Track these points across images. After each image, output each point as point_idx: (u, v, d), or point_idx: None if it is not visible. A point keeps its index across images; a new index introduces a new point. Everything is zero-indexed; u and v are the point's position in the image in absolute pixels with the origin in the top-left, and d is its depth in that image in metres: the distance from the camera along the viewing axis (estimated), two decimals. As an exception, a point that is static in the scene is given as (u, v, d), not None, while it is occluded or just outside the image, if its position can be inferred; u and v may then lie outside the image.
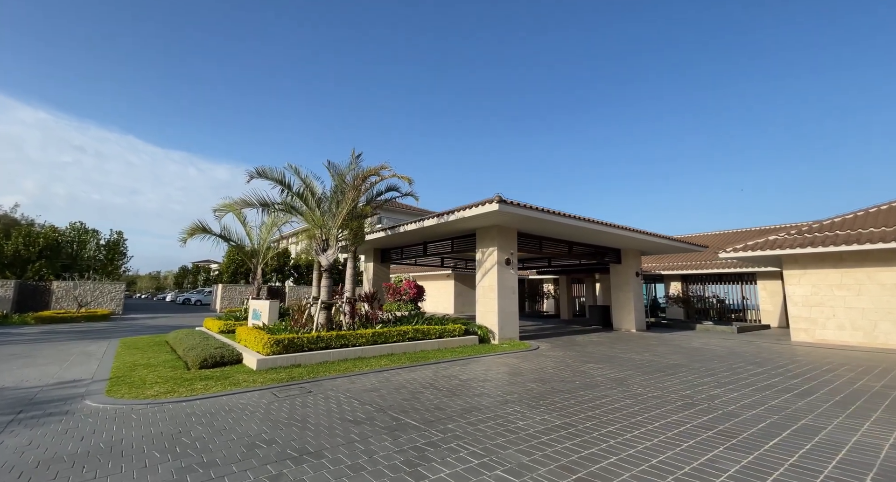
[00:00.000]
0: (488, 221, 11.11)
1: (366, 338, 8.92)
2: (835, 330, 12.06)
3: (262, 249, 14.44)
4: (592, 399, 5.36)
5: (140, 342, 11.35)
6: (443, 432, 4.03)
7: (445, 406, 5.02)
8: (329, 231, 9.53)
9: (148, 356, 8.92)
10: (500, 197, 9.06)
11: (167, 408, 5.07)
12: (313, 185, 9.79)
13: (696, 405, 5.12)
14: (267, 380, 6.45)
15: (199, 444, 3.78)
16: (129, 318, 21.37)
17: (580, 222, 11.13)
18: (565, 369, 7.55)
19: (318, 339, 8.26)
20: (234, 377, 6.70)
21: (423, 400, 5.33)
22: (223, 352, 7.84)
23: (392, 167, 9.08)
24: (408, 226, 12.35)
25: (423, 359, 8.48)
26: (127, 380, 6.60)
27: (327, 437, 3.92)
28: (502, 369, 7.53)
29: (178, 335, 10.79)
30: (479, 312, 11.92)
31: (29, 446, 3.79)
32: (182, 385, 6.16)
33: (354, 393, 5.76)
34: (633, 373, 7.20)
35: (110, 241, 27.42)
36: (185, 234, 13.43)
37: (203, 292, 35.70)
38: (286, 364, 7.59)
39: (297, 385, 6.26)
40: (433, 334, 10.08)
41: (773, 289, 20.07)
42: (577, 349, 10.41)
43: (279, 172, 9.41)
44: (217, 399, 5.48)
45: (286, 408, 4.97)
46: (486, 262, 11.79)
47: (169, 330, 14.97)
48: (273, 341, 7.70)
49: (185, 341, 9.36)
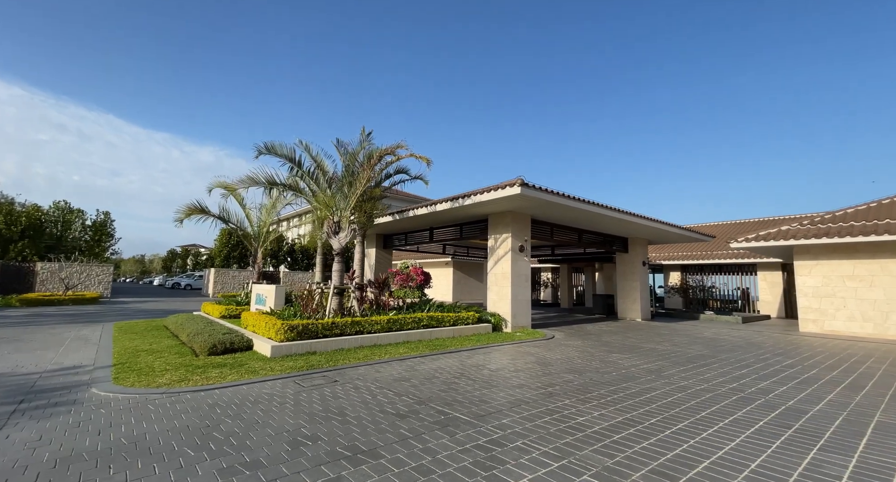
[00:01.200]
0: (504, 206, 10.74)
1: (380, 324, 8.56)
2: (845, 321, 12.07)
3: (262, 232, 13.88)
4: (640, 392, 5.09)
5: (136, 326, 10.83)
6: (500, 428, 3.70)
7: (489, 398, 4.70)
8: (341, 213, 9.06)
9: (149, 341, 8.45)
10: (522, 180, 8.67)
11: (185, 397, 4.66)
12: (324, 164, 9.27)
13: (753, 399, 4.89)
14: (285, 368, 6.06)
15: (235, 440, 3.40)
16: (118, 302, 20.66)
17: (600, 209, 10.82)
18: (592, 359, 7.30)
19: (332, 326, 7.87)
20: (248, 364, 6.30)
21: (462, 391, 5.01)
22: (232, 339, 7.41)
23: (409, 146, 8.59)
24: (418, 210, 11.91)
25: (442, 347, 8.16)
26: (133, 366, 6.15)
27: (375, 433, 3.57)
28: (528, 359, 7.25)
29: (178, 320, 10.31)
30: (490, 300, 11.63)
31: (40, 442, 3.37)
32: (194, 372, 5.75)
33: (384, 382, 5.41)
34: (664, 364, 6.99)
35: (97, 221, 26.38)
36: (181, 214, 12.83)
37: (193, 276, 34.85)
38: (301, 351, 7.21)
39: (318, 373, 5.89)
40: (447, 322, 9.76)
41: (772, 281, 20.18)
42: (592, 338, 10.20)
43: (289, 149, 8.86)
44: (237, 388, 5.08)
45: (317, 399, 4.60)
46: (500, 249, 11.45)
47: (163, 314, 14.42)
48: (287, 327, 7.30)
49: (187, 326, 8.90)
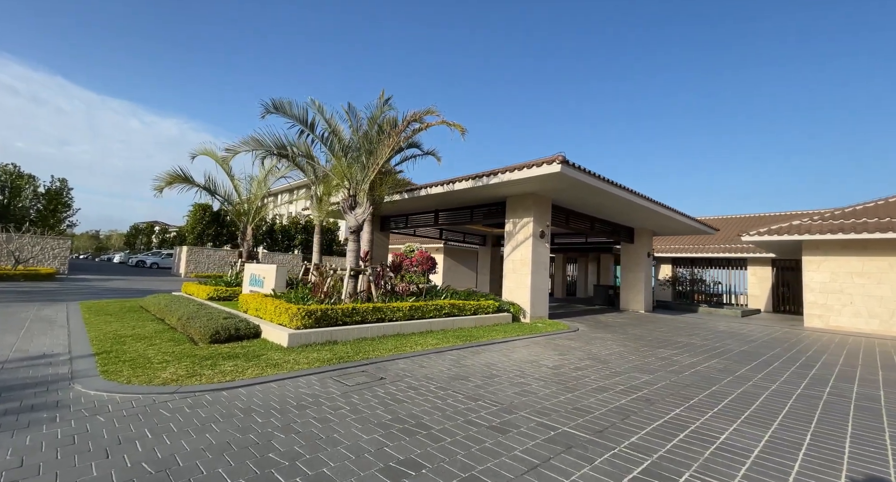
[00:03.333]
0: (529, 188, 9.96)
1: (402, 312, 7.69)
2: (850, 317, 12.14)
3: (252, 207, 12.56)
4: (746, 398, 4.43)
5: (108, 307, 9.47)
6: (643, 452, 2.94)
7: (582, 406, 3.96)
8: (359, 185, 8.03)
9: (130, 325, 7.25)
10: (563, 157, 7.89)
11: (205, 399, 3.69)
12: (340, 130, 8.16)
13: (869, 408, 4.40)
14: (312, 361, 5.13)
15: (307, 467, 2.51)
16: (78, 279, 18.68)
17: (636, 197, 10.26)
18: (646, 356, 6.72)
19: (353, 312, 6.94)
20: (265, 355, 5.32)
21: (542, 395, 4.25)
22: (237, 324, 6.35)
23: (440, 112, 7.58)
24: (433, 188, 10.97)
25: (471, 337, 7.39)
26: (122, 356, 5.05)
27: (488, 457, 2.76)
28: (576, 354, 6.57)
29: (160, 301, 9.04)
30: (506, 288, 10.93)
31: (21, 469, 2.37)
32: (202, 365, 4.73)
33: (440, 381, 4.59)
34: (726, 363, 6.49)
35: (51, 189, 23.77)
36: (161, 182, 11.38)
37: (160, 254, 32.42)
38: (320, 340, 6.26)
39: (354, 368, 5.00)
40: (468, 310, 8.99)
41: (762, 275, 20.54)
42: (616, 331, 9.71)
43: (300, 108, 7.70)
44: (266, 387, 4.13)
45: (375, 403, 3.74)
46: (519, 234, 10.71)
47: (134, 294, 12.94)
48: (304, 313, 6.31)
49: (175, 309, 7.72)
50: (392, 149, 7.67)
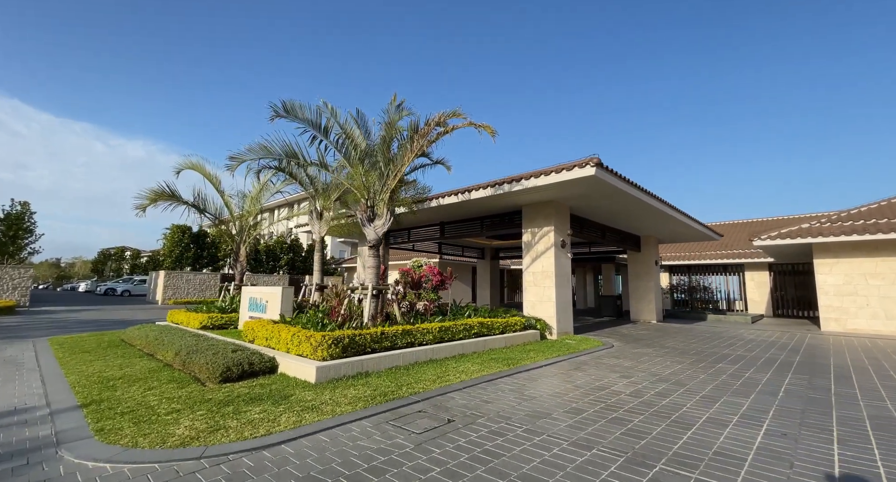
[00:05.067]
0: (549, 195, 9.43)
1: (432, 334, 6.89)
2: (868, 319, 11.99)
3: (246, 224, 11.56)
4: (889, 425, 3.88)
5: (84, 343, 8.26)
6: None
7: (731, 453, 3.26)
8: (377, 195, 7.28)
9: (116, 364, 6.17)
10: (598, 160, 7.39)
11: (244, 465, 2.82)
12: (355, 134, 7.44)
13: None
14: (352, 400, 4.28)
15: None
16: (42, 312, 16.94)
17: (657, 203, 9.84)
18: (711, 372, 6.12)
19: (382, 337, 6.09)
20: (295, 396, 4.43)
21: (663, 437, 3.53)
22: (250, 358, 5.42)
23: (467, 114, 6.97)
24: (445, 198, 10.31)
25: (512, 360, 6.63)
26: (117, 407, 4.07)
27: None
28: (639, 376, 5.88)
29: (146, 333, 7.93)
30: (528, 302, 10.26)
31: None
32: (224, 414, 3.83)
33: (521, 421, 3.82)
34: (801, 378, 5.96)
35: (11, 214, 21.86)
36: (145, 200, 10.32)
37: (132, 281, 30.31)
38: (351, 371, 5.39)
39: (407, 407, 4.17)
40: (497, 328, 8.26)
41: (760, 280, 20.59)
42: (653, 345, 9.11)
43: (313, 111, 6.96)
44: (315, 439, 3.28)
45: (467, 459, 2.94)
46: (539, 245, 10.12)
47: (110, 326, 11.61)
48: (330, 341, 5.44)
49: (168, 342, 6.70)
50: (416, 154, 6.99)
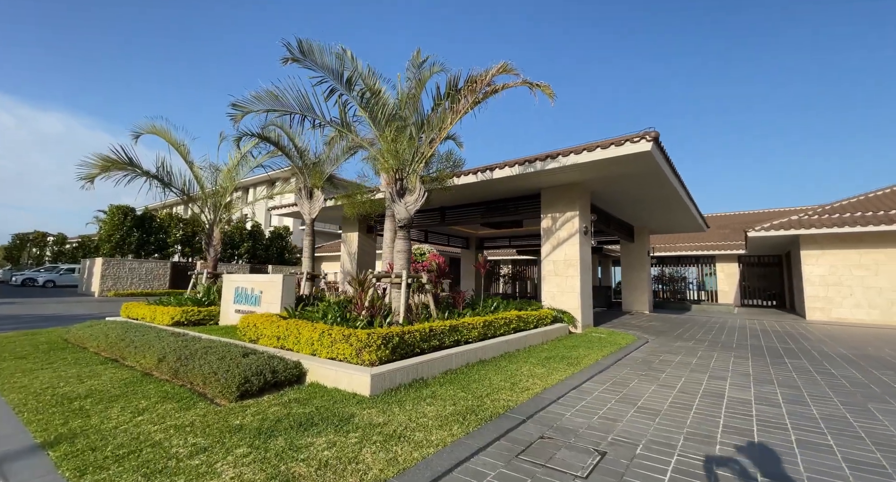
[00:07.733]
0: (574, 176, 8.65)
1: (478, 330, 5.89)
2: (851, 308, 12.47)
3: (220, 203, 9.82)
4: None
5: (13, 345, 6.40)
6: None
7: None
8: (408, 166, 6.11)
9: (71, 373, 4.65)
10: (657, 133, 6.66)
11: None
12: (381, 90, 6.18)
13: None
14: (440, 421, 3.24)
15: None
16: (-55, 305, 13.92)
17: (685, 194, 9.39)
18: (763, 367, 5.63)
19: (430, 334, 5.02)
20: (358, 417, 3.30)
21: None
22: (273, 365, 4.15)
23: (520, 70, 5.90)
24: (461, 178, 9.24)
25: (569, 360, 5.77)
26: (102, 446, 2.76)
27: None
28: (738, 380, 5.24)
29: (108, 332, 6.22)
30: (547, 293, 9.49)
31: None
32: (277, 454, 2.66)
33: (695, 449, 2.96)
34: (873, 374, 5.61)
35: None
36: (92, 168, 8.41)
37: (58, 270, 26.37)
38: (406, 379, 4.30)
39: (518, 430, 3.20)
40: (531, 322, 7.41)
41: (729, 272, 21.42)
42: (682, 337, 8.72)
43: (336, 53, 5.62)
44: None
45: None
46: (561, 231, 9.36)
47: (39, 322, 9.52)
48: (379, 340, 4.29)
49: (141, 343, 5.20)
50: (460, 115, 5.87)
